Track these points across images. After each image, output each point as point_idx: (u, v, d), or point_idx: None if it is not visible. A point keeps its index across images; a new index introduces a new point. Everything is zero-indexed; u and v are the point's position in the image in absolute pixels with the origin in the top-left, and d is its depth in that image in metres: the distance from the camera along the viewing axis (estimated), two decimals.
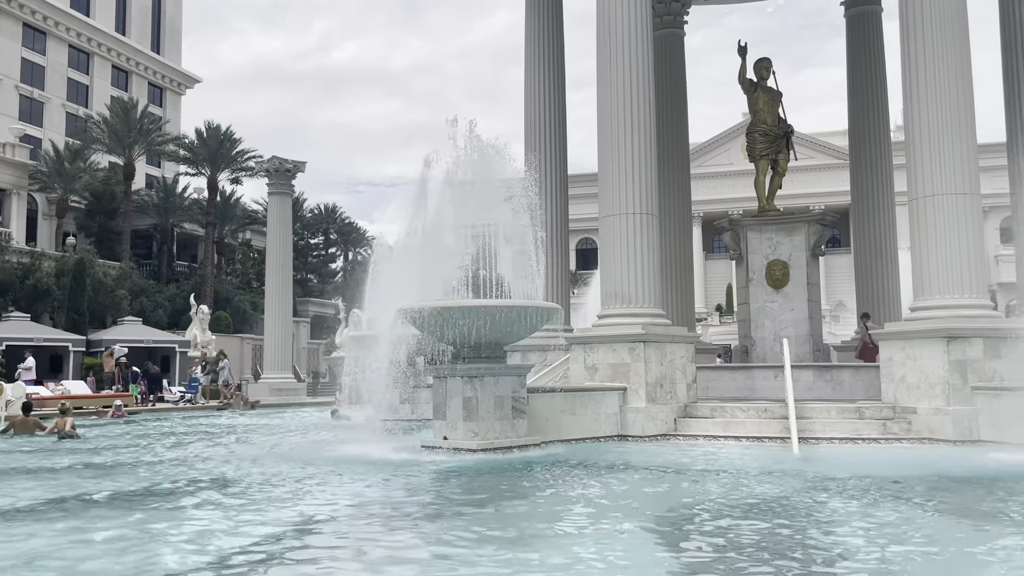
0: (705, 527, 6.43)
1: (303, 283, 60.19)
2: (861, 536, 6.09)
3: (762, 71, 19.52)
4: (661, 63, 21.94)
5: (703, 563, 5.33)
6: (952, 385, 12.70)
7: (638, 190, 14.82)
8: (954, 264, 13.24)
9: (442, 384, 11.96)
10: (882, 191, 21.55)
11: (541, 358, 17.31)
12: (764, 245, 18.94)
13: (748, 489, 8.31)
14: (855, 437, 13.02)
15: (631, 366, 14.18)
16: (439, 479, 9.14)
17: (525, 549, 5.63)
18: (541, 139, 20.51)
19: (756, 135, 19.64)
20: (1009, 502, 7.53)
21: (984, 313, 13.26)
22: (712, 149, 69.94)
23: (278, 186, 34.03)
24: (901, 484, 8.46)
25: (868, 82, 21.81)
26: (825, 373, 16.82)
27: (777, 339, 17.42)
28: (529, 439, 12.04)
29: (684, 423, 14.32)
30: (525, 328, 12.35)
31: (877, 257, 21.33)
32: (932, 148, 13.45)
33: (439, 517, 6.97)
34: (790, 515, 6.90)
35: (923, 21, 13.70)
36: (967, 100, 13.60)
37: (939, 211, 13.33)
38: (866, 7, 22.03)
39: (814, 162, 64.30)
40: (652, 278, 14.87)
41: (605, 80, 15.27)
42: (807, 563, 5.27)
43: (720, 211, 56.11)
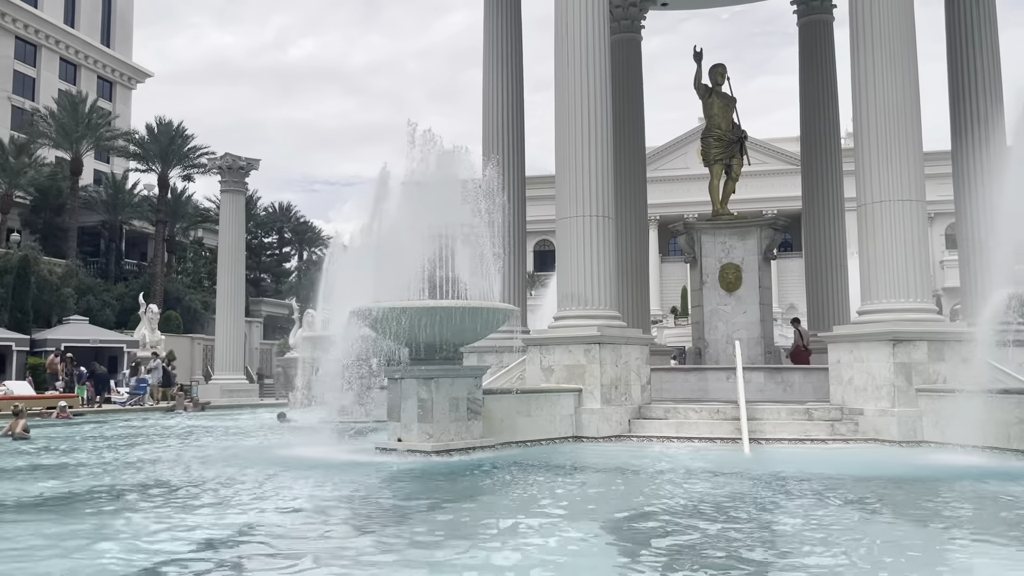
0: (656, 527, 6.49)
1: (256, 283, 59.32)
2: (805, 534, 6.20)
3: (717, 77, 19.80)
4: (618, 67, 22.14)
5: (654, 563, 5.37)
6: (897, 387, 13.02)
7: (595, 193, 14.92)
8: (900, 269, 13.58)
9: (397, 386, 11.89)
10: (832, 196, 22.00)
11: (498, 360, 17.31)
12: (718, 249, 19.21)
13: (699, 489, 8.42)
14: (804, 438, 13.26)
15: (587, 368, 14.27)
16: (391, 481, 9.08)
17: (473, 551, 5.60)
18: (499, 141, 20.52)
19: (711, 140, 19.92)
20: (946, 502, 7.75)
21: (929, 317, 13.62)
22: (668, 153, 70.71)
23: (231, 184, 33.52)
24: (845, 484, 8.65)
25: (819, 90, 22.26)
26: (776, 375, 17.12)
27: (730, 341, 17.70)
28: (484, 441, 12.03)
29: (638, 424, 14.45)
30: (481, 329, 12.34)
31: (827, 261, 21.77)
32: (880, 155, 13.79)
33: (388, 520, 6.90)
34: (739, 515, 7.00)
35: (872, 32, 14.04)
36: (914, 109, 13.97)
37: (886, 217, 13.67)
38: (818, 16, 22.48)
39: (767, 167, 65.39)
40: (608, 280, 14.98)
41: (563, 83, 15.34)
42: (755, 562, 5.35)
43: (676, 214, 56.76)
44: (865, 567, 5.24)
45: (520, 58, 21.09)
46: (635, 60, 23.13)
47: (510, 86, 20.70)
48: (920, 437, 12.73)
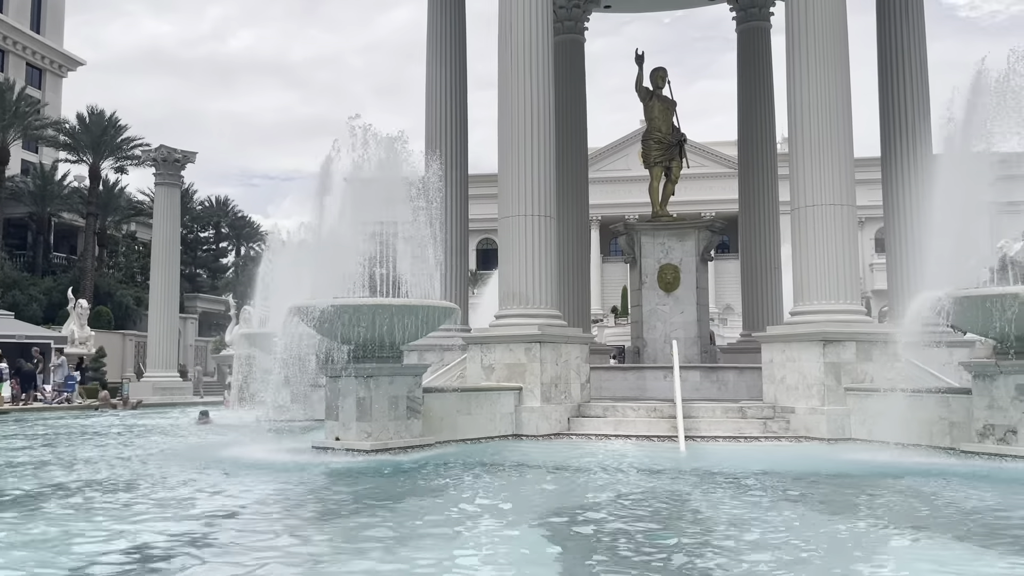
0: (592, 525, 6.57)
1: (192, 278, 57.95)
2: (736, 528, 6.35)
3: (658, 80, 20.10)
4: (562, 68, 22.27)
5: (589, 560, 5.43)
6: (827, 386, 13.41)
7: (537, 192, 14.99)
8: (831, 271, 13.99)
9: (335, 384, 11.76)
10: (767, 200, 22.54)
11: (438, 358, 17.25)
12: (657, 249, 19.50)
13: (635, 486, 8.55)
14: (738, 436, 13.57)
15: (527, 366, 14.33)
16: (326, 481, 8.98)
17: (405, 551, 5.58)
18: (442, 138, 20.46)
19: (651, 142, 20.21)
20: (868, 496, 8.04)
21: (857, 318, 14.07)
22: (611, 154, 71.51)
23: (166, 176, 32.70)
24: (776, 480, 8.89)
25: (756, 95, 22.78)
26: (711, 374, 17.47)
27: (667, 340, 17.99)
28: (424, 439, 11.99)
29: (577, 422, 14.58)
30: (421, 327, 12.28)
31: (762, 263, 22.29)
32: (812, 160, 14.18)
33: (319, 520, 6.80)
34: (673, 511, 7.15)
35: (807, 40, 14.43)
36: (845, 116, 14.41)
37: (818, 220, 14.07)
38: (756, 23, 22.99)
39: (706, 170, 66.66)
40: (549, 279, 15.07)
41: (506, 82, 15.38)
42: (687, 554, 5.46)
43: (618, 215, 57.41)
44: (788, 559, 5.40)
45: (464, 55, 21.06)
46: (578, 61, 23.32)
47: (454, 83, 20.66)
48: (848, 434, 13.13)
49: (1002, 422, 10.47)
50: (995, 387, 10.58)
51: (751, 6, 22.88)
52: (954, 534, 6.21)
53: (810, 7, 14.48)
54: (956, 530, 6.39)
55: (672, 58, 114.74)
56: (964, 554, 5.55)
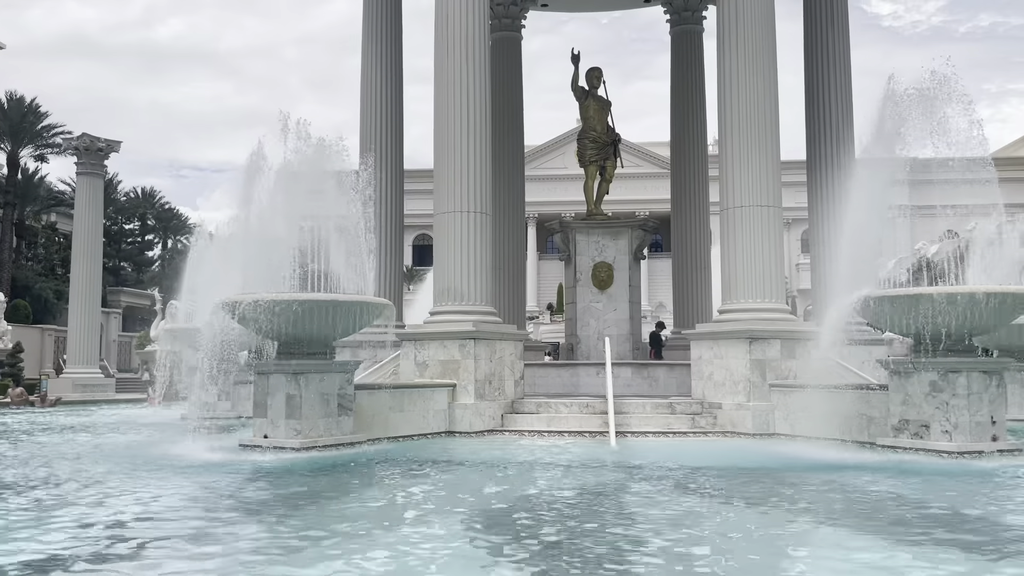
0: (522, 520, 6.61)
1: (115, 271, 56.08)
2: (662, 521, 6.48)
3: (593, 80, 20.30)
4: (499, 65, 22.28)
5: (519, 557, 5.46)
6: (753, 383, 13.78)
7: (473, 188, 14.98)
8: (758, 271, 14.37)
9: (264, 380, 11.55)
10: (698, 200, 22.99)
11: (372, 354, 17.09)
12: (591, 248, 19.72)
13: (566, 481, 8.64)
14: (667, 431, 13.82)
15: (461, 363, 14.32)
16: (252, 480, 8.81)
17: (331, 550, 5.52)
18: (378, 132, 20.25)
19: (586, 141, 20.40)
20: (787, 490, 8.29)
21: (782, 316, 14.49)
22: (548, 152, 71.89)
23: (88, 166, 31.57)
24: (701, 474, 9.11)
25: (689, 97, 23.20)
26: (643, 371, 17.76)
27: (601, 338, 18.21)
28: (355, 437, 11.88)
29: (511, 419, 14.64)
30: (354, 324, 12.16)
31: (692, 262, 22.74)
32: (741, 163, 14.54)
33: (236, 521, 6.63)
34: (601, 506, 7.24)
35: (737, 45, 14.79)
36: (773, 120, 14.82)
37: (745, 221, 14.43)
38: (689, 27, 23.40)
39: (641, 170, 67.59)
40: (484, 276, 15.09)
41: (442, 77, 15.32)
42: (615, 548, 5.55)
43: (554, 213, 57.75)
44: (710, 549, 5.54)
45: (400, 50, 20.88)
46: (515, 58, 23.38)
47: (389, 78, 20.47)
48: (772, 430, 13.52)
49: (916, 417, 10.92)
50: (910, 384, 11.02)
51: (684, 9, 23.29)
52: (866, 525, 6.46)
53: (740, 13, 14.83)
54: (868, 521, 6.65)
55: (609, 58, 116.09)
56: (875, 544, 5.77)
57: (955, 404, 10.57)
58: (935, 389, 10.75)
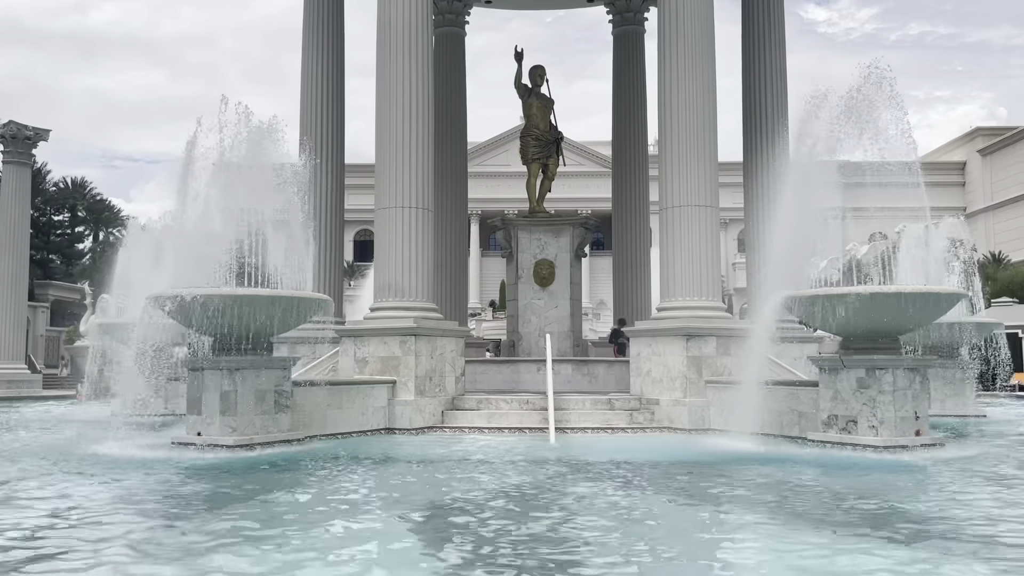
0: (461, 517, 6.61)
1: (43, 264, 54.10)
2: (598, 516, 6.56)
3: (537, 78, 20.39)
4: (442, 60, 22.23)
5: (457, 553, 5.46)
6: (689, 379, 14.04)
7: (415, 184, 14.90)
8: (695, 269, 14.64)
9: (198, 377, 11.30)
10: (639, 199, 23.30)
11: (310, 351, 16.89)
12: (533, 245, 19.83)
13: (504, 477, 8.66)
14: (606, 427, 13.99)
15: (402, 359, 14.24)
16: (181, 478, 8.61)
17: (263, 548, 5.44)
18: (318, 126, 20.00)
19: (529, 139, 20.49)
20: (719, 483, 8.48)
21: (718, 314, 14.79)
22: (491, 149, 71.88)
23: (15, 155, 30.42)
24: (637, 469, 9.25)
25: (630, 98, 23.48)
26: (583, 367, 17.93)
27: (542, 334, 18.32)
28: (292, 434, 11.71)
29: (451, 415, 14.62)
30: (292, 319, 11.98)
31: (633, 260, 23.05)
32: (680, 163, 14.79)
33: (164, 521, 6.45)
34: (538, 500, 7.29)
35: (677, 47, 15.03)
36: (711, 122, 15.10)
37: (684, 221, 14.69)
38: (631, 28, 23.69)
39: (583, 169, 68.13)
40: (426, 272, 15.03)
41: (384, 72, 15.19)
42: (548, 543, 5.60)
43: (497, 210, 57.81)
44: (642, 542, 5.63)
45: (342, 42, 20.64)
46: (459, 55, 23.33)
47: (330, 70, 20.22)
48: (707, 425, 13.79)
49: (844, 413, 11.27)
50: (839, 380, 11.37)
51: (626, 11, 23.55)
52: (794, 516, 6.65)
53: (680, 16, 15.07)
54: (797, 512, 6.85)
55: (553, 57, 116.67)
56: (805, 535, 5.94)
57: (881, 400, 10.94)
58: (862, 386, 11.11)
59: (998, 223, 66.55)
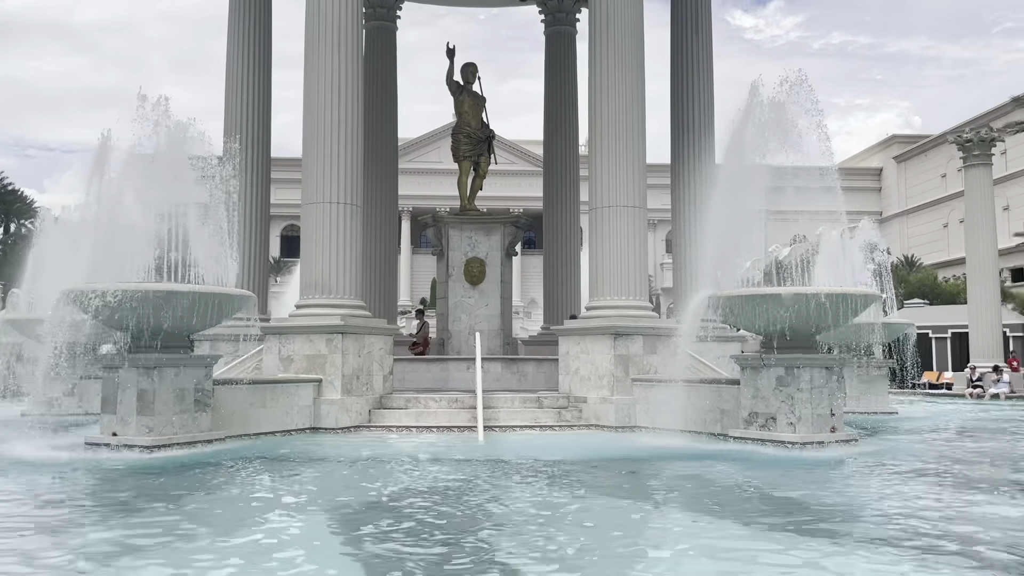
0: (385, 516, 6.54)
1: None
2: (523, 513, 6.59)
3: (468, 75, 20.33)
4: (373, 54, 21.97)
5: (380, 554, 5.40)
6: (616, 377, 14.21)
7: (343, 179, 14.68)
8: (623, 269, 14.83)
9: (114, 375, 10.89)
10: (569, 199, 23.48)
11: (233, 348, 16.45)
12: (464, 243, 19.77)
13: (431, 477, 8.61)
14: (534, 425, 14.05)
15: (328, 357, 14.02)
16: (93, 480, 8.32)
17: (179, 551, 5.28)
18: (244, 118, 19.51)
19: (460, 137, 20.42)
20: (643, 479, 8.63)
21: (645, 313, 15.01)
22: (424, 145, 71.46)
23: None
24: (563, 466, 9.32)
25: (562, 98, 23.63)
26: (512, 365, 17.98)
27: (472, 333, 18.29)
28: (213, 434, 11.40)
29: (379, 414, 14.46)
30: (213, 316, 11.64)
31: (563, 259, 23.21)
32: (609, 164, 14.95)
33: (77, 524, 6.22)
34: (464, 499, 7.27)
35: (607, 49, 15.19)
36: (640, 124, 15.30)
37: (612, 221, 14.86)
38: (563, 28, 23.83)
39: (516, 167, 68.38)
40: (354, 269, 14.82)
41: (312, 64, 14.91)
42: (478, 540, 5.58)
43: (429, 207, 57.45)
44: (562, 538, 5.67)
45: (269, 32, 20.19)
46: (390, 49, 23.09)
47: (257, 61, 19.76)
48: (634, 422, 13.99)
49: (765, 410, 11.57)
50: (759, 378, 11.67)
51: (559, 11, 23.69)
52: (713, 510, 6.80)
53: (611, 18, 15.24)
54: (716, 506, 7.00)
55: (486, 55, 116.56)
56: (724, 527, 6.08)
57: (799, 398, 11.28)
58: (781, 384, 11.43)
59: (911, 227, 69.47)
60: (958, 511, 6.83)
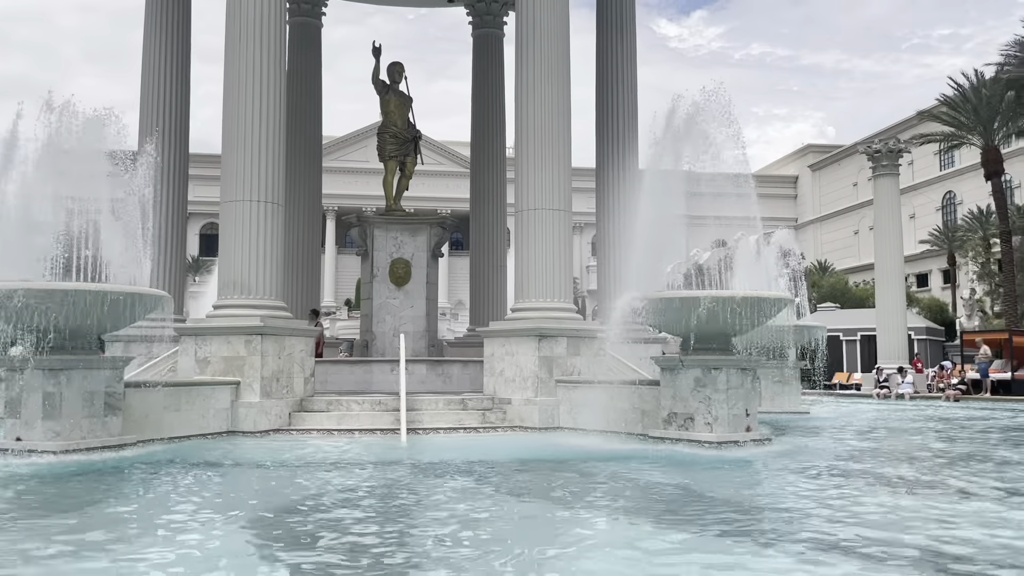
0: (301, 522, 6.43)
1: None
2: (442, 516, 6.56)
3: (395, 75, 20.18)
4: (297, 51, 21.62)
5: (296, 559, 5.31)
6: (540, 378, 14.32)
7: (264, 177, 14.37)
8: (548, 271, 14.96)
9: (17, 378, 10.40)
10: (496, 201, 23.54)
11: (147, 350, 15.91)
12: (389, 243, 19.60)
13: (349, 480, 8.51)
14: (458, 427, 14.03)
15: (247, 359, 13.70)
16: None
17: (81, 564, 5.07)
18: (161, 112, 18.90)
19: (386, 136, 20.25)
20: (564, 479, 8.73)
21: (569, 316, 15.17)
22: (350, 144, 70.61)
23: None
24: (485, 468, 9.35)
25: (489, 100, 23.68)
26: (437, 367, 17.91)
27: (397, 334, 18.14)
28: (125, 438, 11.01)
29: (299, 417, 14.21)
30: (124, 317, 11.24)
31: (489, 261, 23.25)
32: (535, 167, 15.07)
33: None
34: (386, 503, 7.21)
35: (533, 53, 15.31)
36: (565, 127, 15.47)
37: (538, 223, 14.98)
38: (490, 30, 23.90)
39: (443, 168, 68.22)
40: (275, 269, 14.53)
41: (233, 59, 14.56)
42: (393, 544, 5.54)
43: (355, 206, 56.79)
44: (485, 538, 5.69)
45: (188, 25, 19.62)
46: (315, 45, 22.75)
47: (176, 54, 19.17)
48: (557, 423, 14.12)
49: (683, 410, 11.84)
50: (678, 379, 11.94)
51: (486, 13, 23.75)
52: (631, 511, 6.92)
53: (537, 22, 15.36)
54: (633, 507, 7.13)
55: (415, 55, 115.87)
56: (639, 526, 6.19)
57: (716, 398, 11.58)
58: (699, 384, 11.72)
59: (825, 234, 72.12)
60: (861, 506, 7.13)
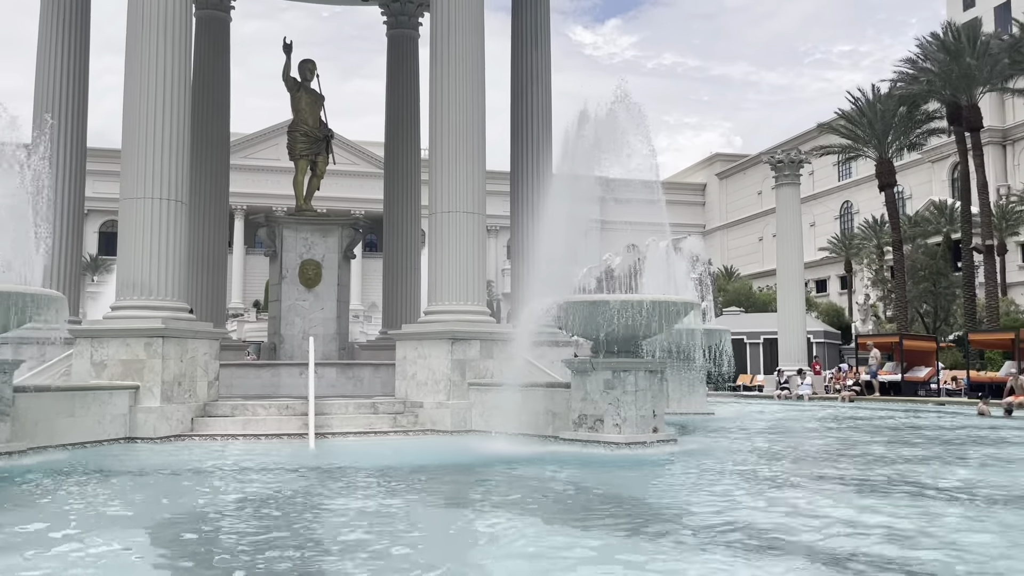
0: (200, 531, 6.21)
1: None
2: (350, 523, 6.46)
3: (306, 72, 19.80)
4: (203, 44, 20.95)
5: (195, 572, 5.12)
6: (453, 382, 14.29)
7: (167, 174, 13.86)
8: (461, 274, 14.94)
9: None
10: (410, 203, 23.38)
11: (39, 353, 15.12)
12: (299, 244, 19.21)
13: (253, 487, 8.27)
14: (368, 431, 13.86)
15: (147, 363, 13.17)
16: None
17: None
18: (57, 104, 17.99)
19: (297, 135, 19.85)
20: (474, 483, 8.73)
21: (482, 318, 15.19)
22: (260, 142, 68.92)
23: None
24: (394, 473, 9.24)
25: (404, 101, 23.51)
26: (348, 371, 17.65)
27: (306, 337, 17.76)
28: (13, 445, 10.41)
29: (202, 423, 13.75)
30: (15, 318, 10.67)
31: (403, 263, 23.06)
32: (449, 169, 15.03)
33: None
34: (289, 509, 7.04)
35: (447, 55, 15.29)
36: (479, 130, 15.49)
37: (451, 226, 14.94)
38: (405, 31, 23.73)
39: (357, 168, 67.36)
40: (177, 269, 14.03)
41: (135, 50, 14.00)
42: (300, 556, 5.42)
43: (265, 205, 55.41)
44: (392, 546, 5.63)
45: (87, 13, 18.76)
46: (222, 39, 22.09)
47: (74, 44, 18.29)
48: (470, 426, 14.11)
49: (593, 412, 12.01)
50: (588, 382, 12.10)
51: (401, 13, 23.57)
52: (539, 510, 6.97)
53: (452, 24, 15.34)
54: (537, 507, 7.18)
55: (329, 52, 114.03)
56: (547, 527, 6.24)
57: (624, 400, 11.79)
58: (609, 387, 11.91)
59: (731, 240, 74.54)
60: (760, 502, 7.38)
